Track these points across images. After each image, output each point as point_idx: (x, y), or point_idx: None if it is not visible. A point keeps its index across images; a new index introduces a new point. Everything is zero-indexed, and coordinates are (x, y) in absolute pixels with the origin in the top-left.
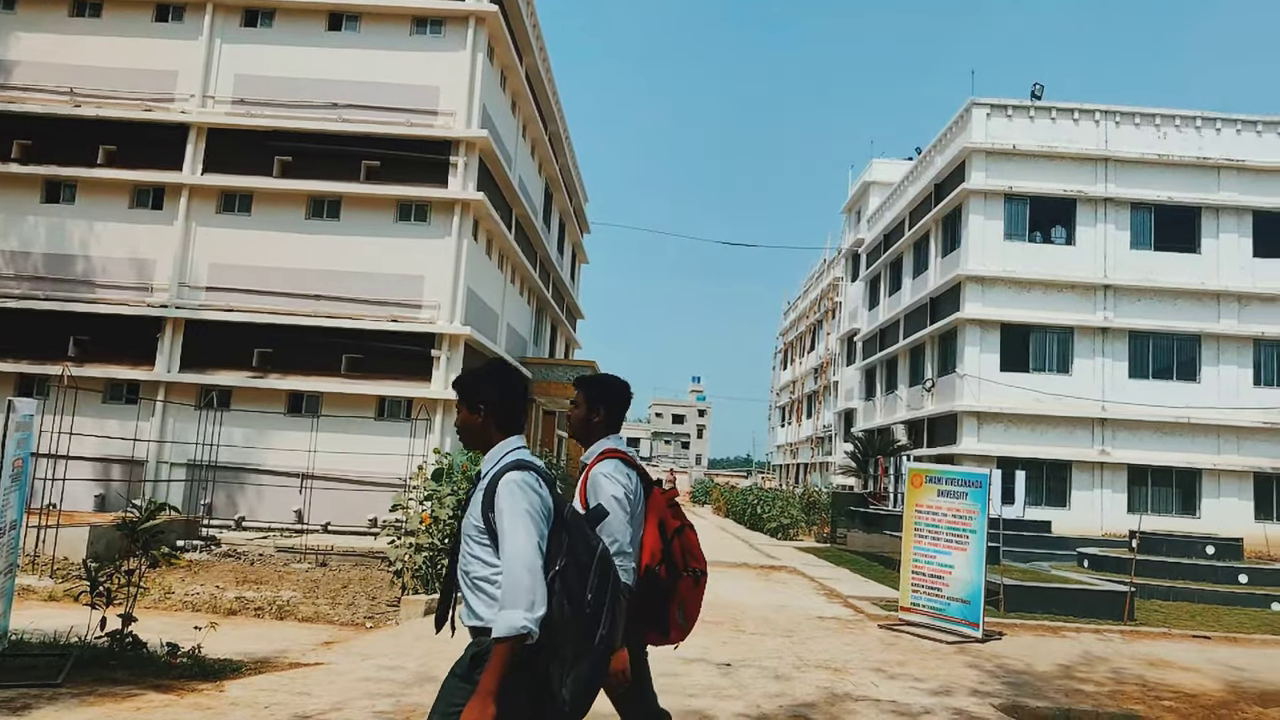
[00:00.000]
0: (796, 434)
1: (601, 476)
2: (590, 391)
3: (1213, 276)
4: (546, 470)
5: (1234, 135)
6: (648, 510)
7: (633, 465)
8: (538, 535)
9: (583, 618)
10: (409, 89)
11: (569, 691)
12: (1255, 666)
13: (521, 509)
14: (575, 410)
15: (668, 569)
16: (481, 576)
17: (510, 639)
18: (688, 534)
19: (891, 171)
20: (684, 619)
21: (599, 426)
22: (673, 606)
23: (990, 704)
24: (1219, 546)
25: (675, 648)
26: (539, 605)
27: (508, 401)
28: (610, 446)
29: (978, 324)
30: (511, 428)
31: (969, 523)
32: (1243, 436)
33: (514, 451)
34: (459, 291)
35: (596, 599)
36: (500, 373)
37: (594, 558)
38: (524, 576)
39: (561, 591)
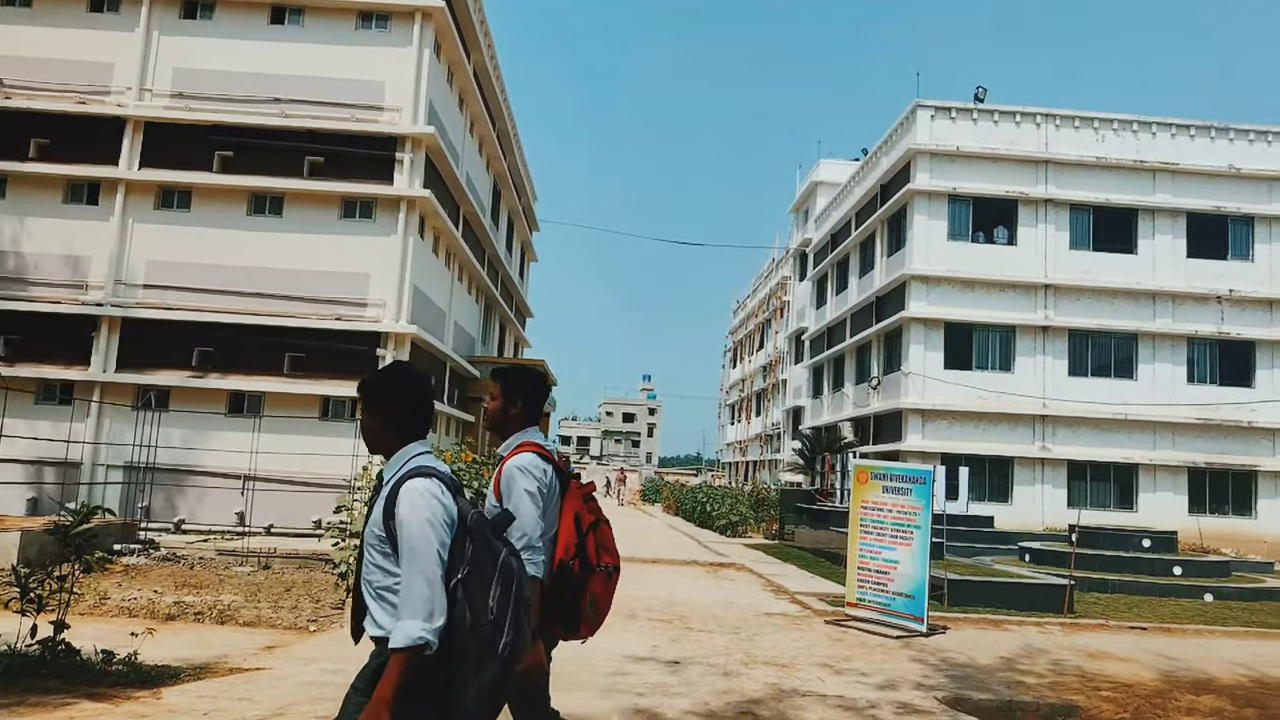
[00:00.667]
0: (746, 432)
1: (516, 470)
2: (507, 383)
3: (1149, 276)
4: (453, 477)
5: (1169, 139)
6: (563, 504)
7: (549, 459)
8: (438, 544)
9: (486, 627)
10: (354, 84)
11: (472, 702)
12: (1189, 656)
13: (422, 517)
14: (492, 403)
15: (581, 564)
16: (384, 586)
17: (407, 650)
18: (603, 529)
19: (838, 172)
20: (595, 614)
21: (516, 419)
22: (584, 601)
23: (934, 697)
24: (1155, 540)
25: (583, 642)
26: (438, 615)
27: (409, 406)
28: (527, 439)
29: (922, 323)
30: (414, 433)
31: (913, 518)
32: (1177, 432)
33: (417, 458)
34: (405, 290)
35: (500, 608)
36: (402, 376)
37: (497, 566)
38: (422, 586)
39: (464, 600)
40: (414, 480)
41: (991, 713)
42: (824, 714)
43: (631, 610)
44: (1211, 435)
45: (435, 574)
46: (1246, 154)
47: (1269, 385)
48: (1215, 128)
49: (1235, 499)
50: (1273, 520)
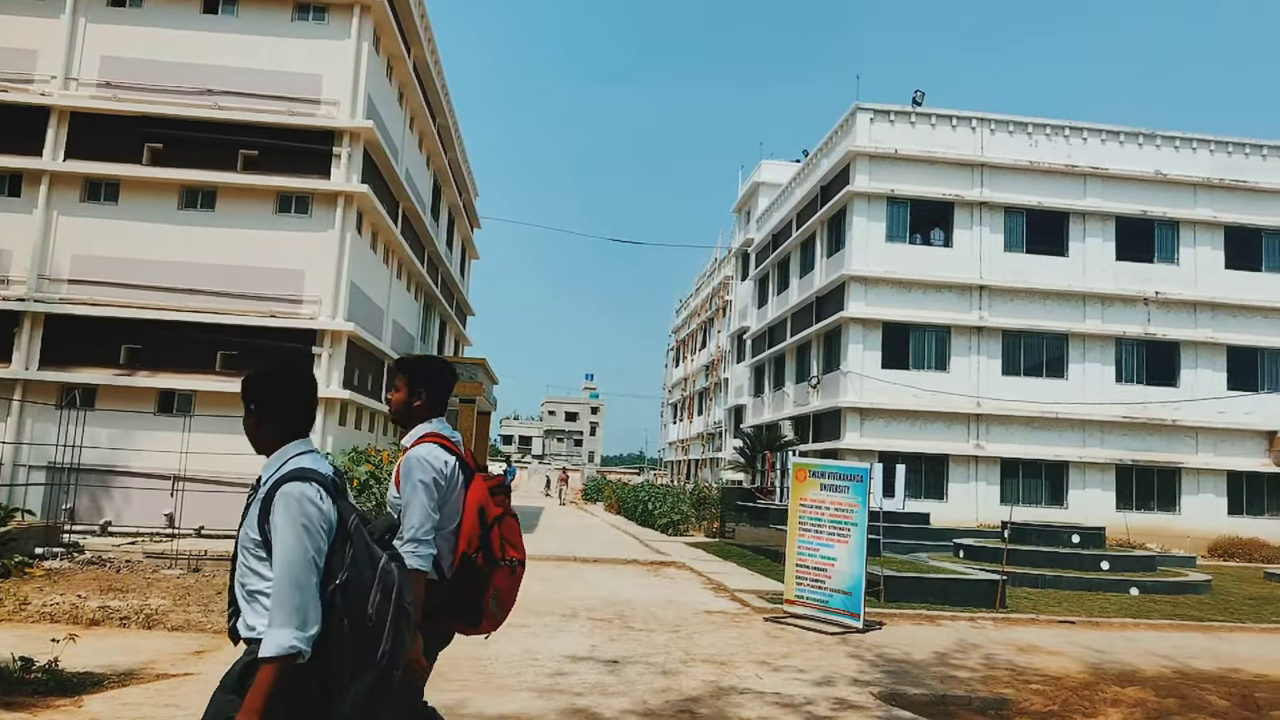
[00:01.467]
0: (688, 430)
1: (414, 460)
2: (411, 374)
3: (1079, 278)
4: (335, 478)
5: (1099, 144)
6: (468, 497)
7: (453, 450)
8: (313, 551)
9: (364, 634)
10: (290, 77)
11: (348, 710)
12: (1115, 648)
13: (296, 523)
14: (395, 394)
15: (485, 557)
16: (256, 589)
17: (278, 659)
18: (509, 522)
19: (780, 173)
20: (498, 609)
21: (420, 410)
22: (487, 596)
23: (870, 693)
24: (1084, 535)
25: (486, 638)
26: (311, 624)
27: (289, 405)
28: (430, 430)
29: (861, 323)
30: (294, 432)
31: (851, 516)
32: (1106, 430)
33: (296, 459)
34: (342, 286)
35: (379, 614)
36: (283, 373)
37: (378, 571)
38: (294, 594)
39: (342, 607)
40: (291, 484)
41: (925, 707)
42: (762, 711)
43: (572, 610)
44: (1138, 433)
45: (309, 581)
46: (1172, 160)
47: (1192, 385)
48: (1143, 134)
49: (1160, 495)
50: (1195, 516)
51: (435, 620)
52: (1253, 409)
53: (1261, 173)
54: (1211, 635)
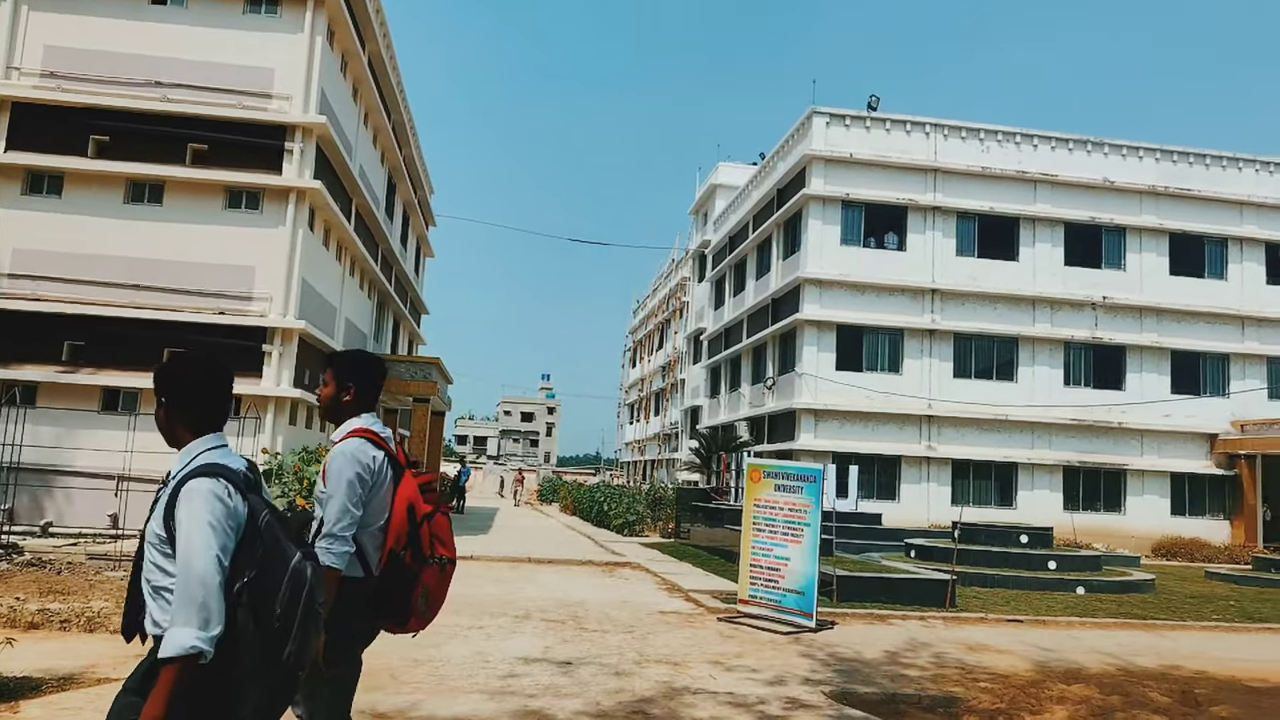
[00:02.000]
0: (644, 431)
1: (339, 455)
2: (339, 368)
3: (1029, 283)
4: (248, 474)
5: (1049, 151)
6: (397, 493)
7: (381, 446)
8: (217, 548)
9: (270, 634)
10: (241, 70)
11: (249, 711)
12: (1062, 647)
13: (202, 519)
14: (324, 389)
15: (414, 555)
16: (162, 585)
17: (179, 659)
18: (439, 520)
19: (737, 175)
20: (426, 607)
21: (349, 405)
22: (415, 594)
23: (821, 692)
24: (1032, 535)
25: (414, 635)
26: (214, 623)
27: (199, 397)
28: (359, 426)
29: (815, 325)
30: (206, 426)
31: (804, 516)
32: (1054, 433)
33: (206, 454)
34: (293, 284)
35: (286, 613)
36: (194, 365)
37: (288, 570)
38: (197, 592)
39: (248, 606)
40: (197, 480)
41: (876, 706)
42: (714, 711)
43: (525, 611)
44: (1085, 435)
45: (212, 580)
46: (1120, 168)
47: (1137, 388)
48: (1091, 142)
49: (1106, 496)
50: (1140, 516)
51: (362, 617)
52: (1195, 412)
53: (1205, 181)
54: (1154, 633)
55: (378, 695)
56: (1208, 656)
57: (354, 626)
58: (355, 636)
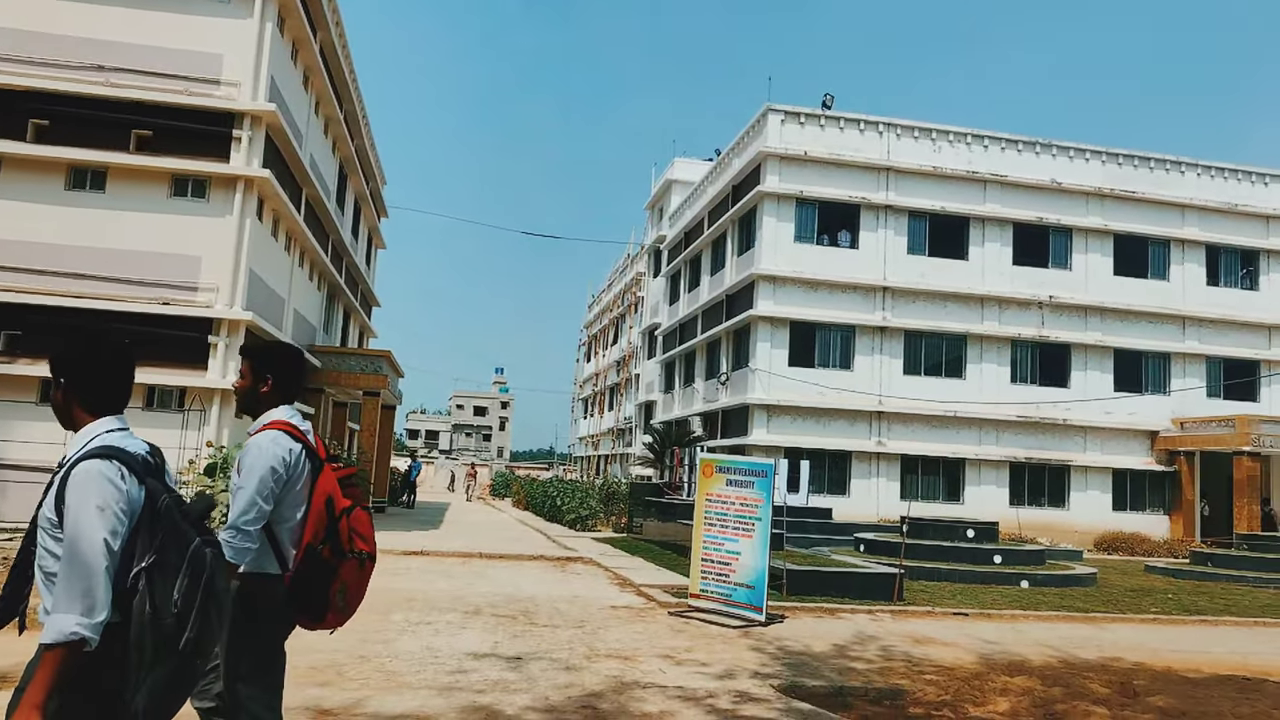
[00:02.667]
0: (598, 426)
1: (253, 447)
2: (256, 360)
3: (978, 282)
4: (148, 458)
5: (999, 152)
6: (316, 488)
7: (299, 438)
8: (105, 532)
9: (167, 621)
10: (188, 55)
11: (144, 699)
12: (1005, 640)
13: (90, 503)
14: (240, 381)
15: (332, 550)
16: (54, 571)
17: (61, 646)
18: (358, 514)
19: (693, 171)
20: (344, 603)
21: (267, 397)
22: (333, 589)
23: (770, 685)
24: (978, 530)
25: (331, 633)
26: (99, 610)
27: (97, 378)
28: (277, 418)
29: (769, 321)
30: (104, 408)
31: (755, 510)
32: (1001, 429)
33: (102, 436)
34: (240, 274)
35: (185, 600)
36: (91, 345)
37: (186, 556)
38: (82, 577)
39: (144, 592)
40: (89, 462)
41: (824, 699)
42: (664, 705)
43: (475, 607)
44: (1031, 432)
45: (98, 565)
46: (1067, 169)
47: (1082, 386)
48: (1040, 143)
49: (1051, 492)
50: (1083, 511)
51: (277, 613)
52: (1137, 410)
53: (1148, 184)
54: (1095, 626)
55: (323, 691)
56: (1146, 648)
57: (269, 623)
58: (272, 633)
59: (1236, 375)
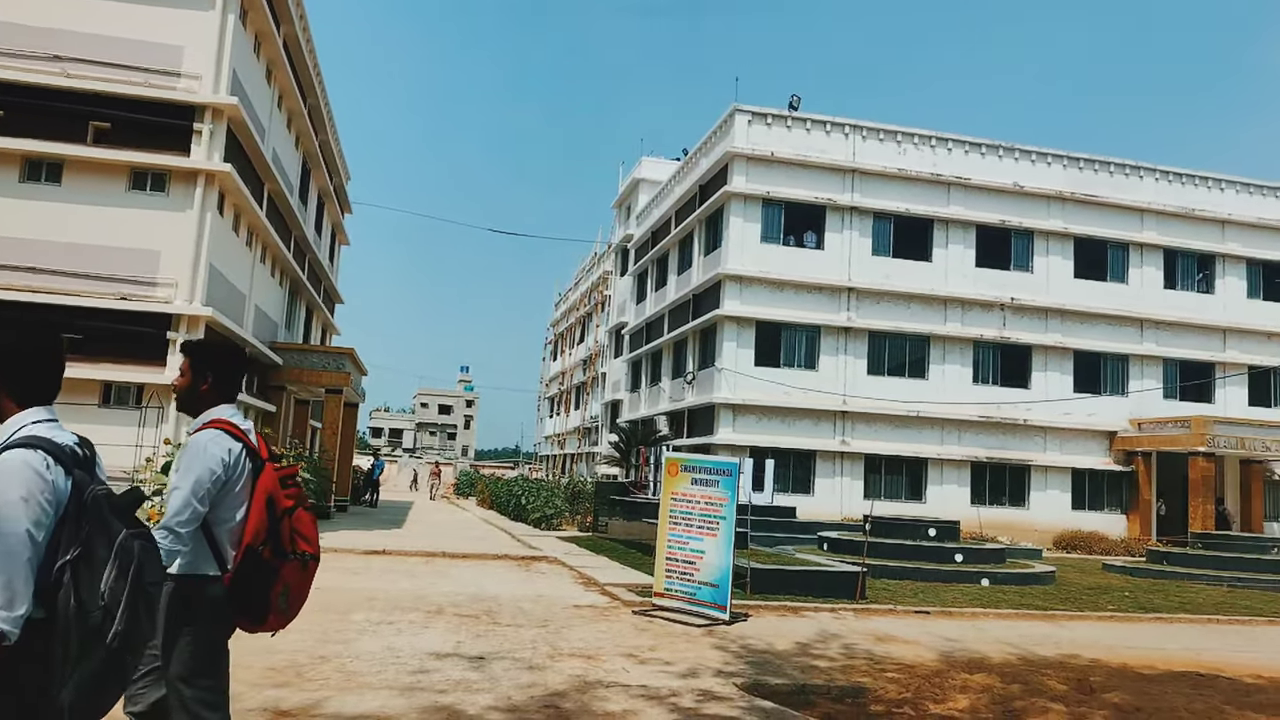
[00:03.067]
0: (565, 425)
1: (191, 447)
2: (196, 358)
3: (941, 283)
4: (77, 449)
5: (963, 155)
6: (256, 487)
7: (239, 438)
8: (28, 524)
9: (94, 614)
10: (148, 46)
11: (70, 695)
12: (966, 637)
13: (15, 494)
14: (180, 379)
15: (273, 550)
16: None
17: None
18: (301, 514)
19: (660, 170)
20: (286, 605)
21: (206, 395)
22: (275, 591)
23: (733, 684)
24: (940, 529)
25: (273, 635)
26: (18, 603)
27: (24, 366)
28: (217, 417)
29: (735, 321)
30: (33, 398)
31: (720, 509)
32: (963, 429)
33: (29, 427)
34: (200, 269)
35: (113, 594)
36: (20, 333)
37: (114, 548)
38: (2, 570)
39: (69, 585)
40: (13, 452)
41: (786, 697)
42: (627, 704)
43: (438, 606)
44: (992, 432)
45: (19, 556)
46: (1029, 173)
47: (1042, 387)
48: (1003, 147)
49: (1011, 491)
50: (1043, 510)
51: (217, 615)
52: (1096, 410)
53: (1109, 188)
54: (1054, 623)
55: (282, 692)
56: (1103, 646)
57: (207, 624)
58: (210, 634)
59: (1192, 377)
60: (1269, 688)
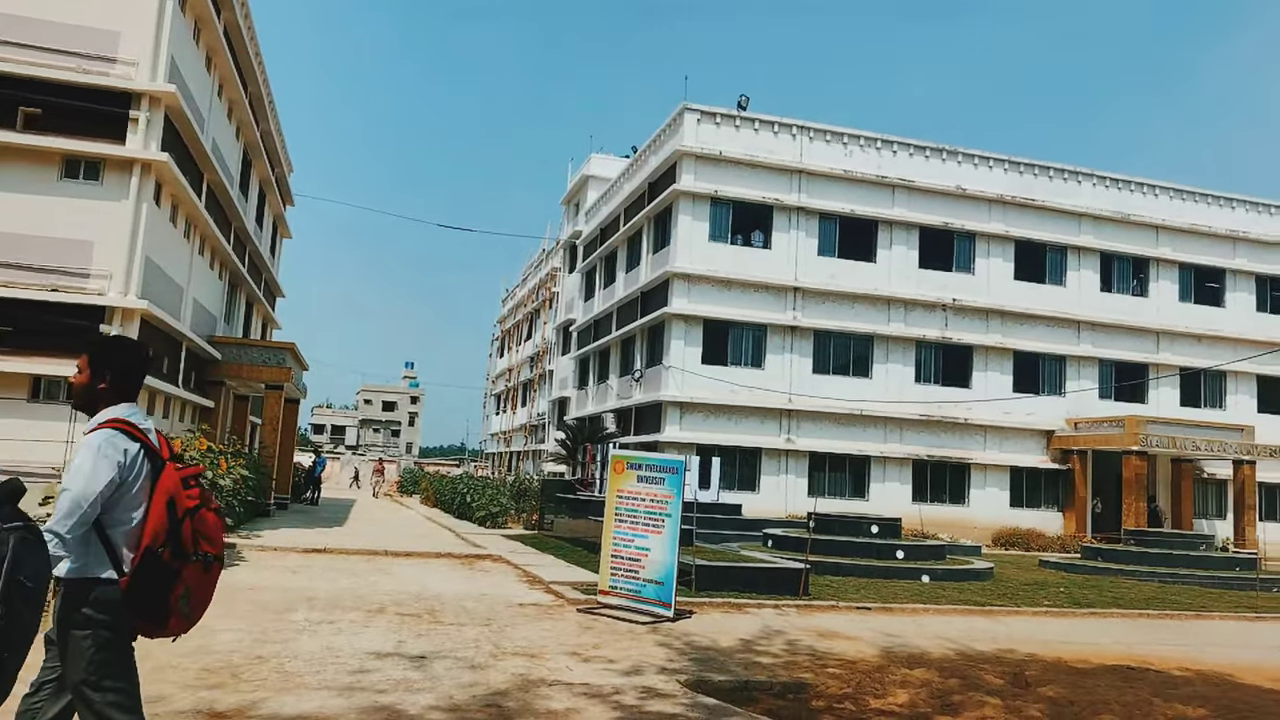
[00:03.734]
0: (511, 422)
1: (84, 448)
2: (95, 355)
3: (885, 284)
4: None
5: (907, 158)
6: (156, 488)
7: (138, 438)
8: None
9: None
10: (82, 31)
11: None
12: (906, 633)
13: None
14: (77, 377)
15: (173, 552)
16: None
17: None
18: (204, 515)
19: (609, 167)
20: (188, 608)
21: (105, 394)
22: (175, 594)
23: (677, 680)
24: (882, 526)
25: (174, 640)
26: None
27: None
28: (114, 416)
29: (683, 319)
30: None
31: (665, 507)
32: (905, 428)
33: None
34: (135, 261)
35: None
36: None
37: None
38: None
39: None
40: None
41: (729, 694)
42: (570, 702)
43: (380, 605)
44: (934, 431)
45: None
46: (971, 176)
47: (983, 386)
48: (946, 150)
49: (952, 488)
50: (982, 508)
51: (116, 619)
52: (1034, 410)
53: (1048, 193)
54: (992, 619)
55: (216, 693)
56: (1038, 640)
57: (103, 629)
58: (108, 639)
59: (1127, 378)
60: (1196, 680)
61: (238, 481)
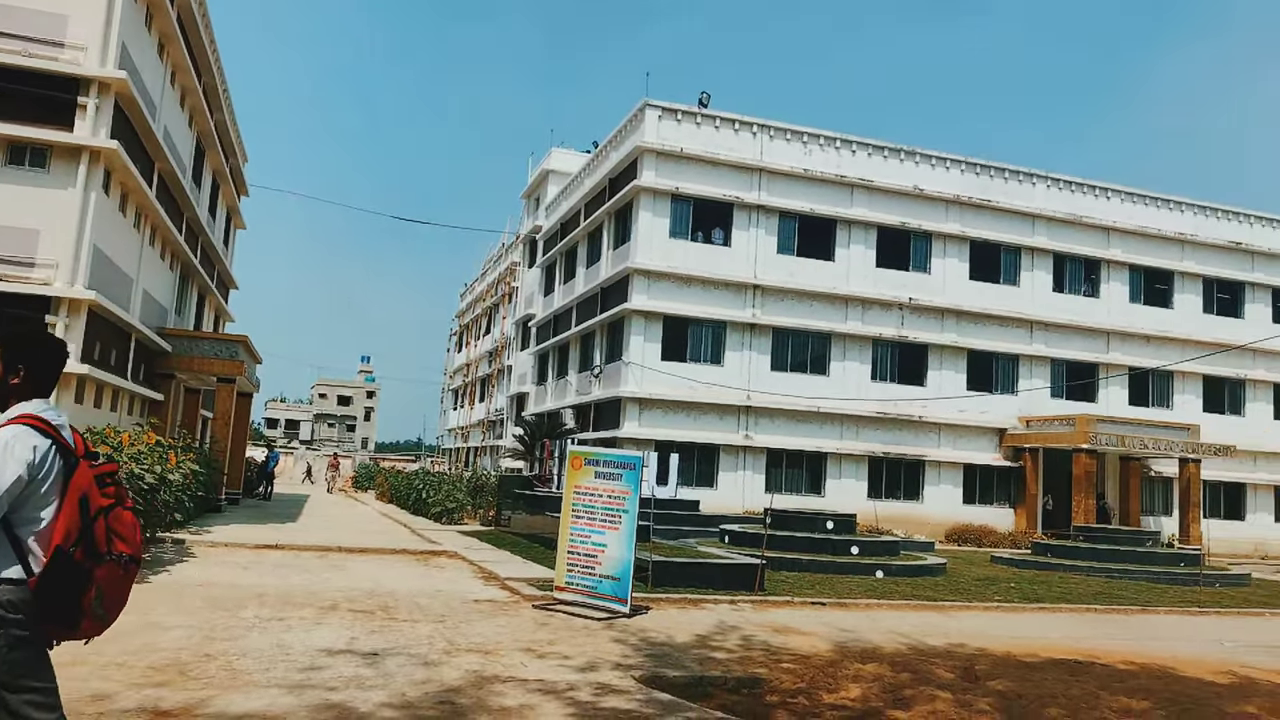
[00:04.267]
0: (469, 417)
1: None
2: (8, 348)
3: (843, 282)
4: None
5: (866, 158)
6: (69, 486)
7: (50, 434)
8: None
9: None
10: (28, 14)
11: None
12: (860, 628)
13: None
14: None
15: (86, 552)
16: None
17: None
18: (119, 513)
19: (570, 162)
20: (102, 610)
21: (18, 388)
22: (88, 596)
23: (632, 676)
24: (837, 522)
25: (86, 643)
26: None
27: None
28: (26, 412)
29: (643, 315)
30: None
31: (622, 503)
32: (861, 425)
33: None
34: (83, 250)
35: None
36: None
37: None
38: None
39: None
40: None
41: (684, 689)
42: (524, 699)
43: (332, 602)
44: (889, 428)
45: None
46: (929, 177)
47: (937, 385)
48: (904, 150)
49: (906, 485)
50: (936, 504)
51: (26, 622)
52: (987, 408)
53: (1003, 194)
54: (944, 614)
55: (163, 691)
56: (989, 635)
57: (14, 630)
58: (24, 640)
59: (1077, 377)
60: (1140, 673)
61: (188, 476)
